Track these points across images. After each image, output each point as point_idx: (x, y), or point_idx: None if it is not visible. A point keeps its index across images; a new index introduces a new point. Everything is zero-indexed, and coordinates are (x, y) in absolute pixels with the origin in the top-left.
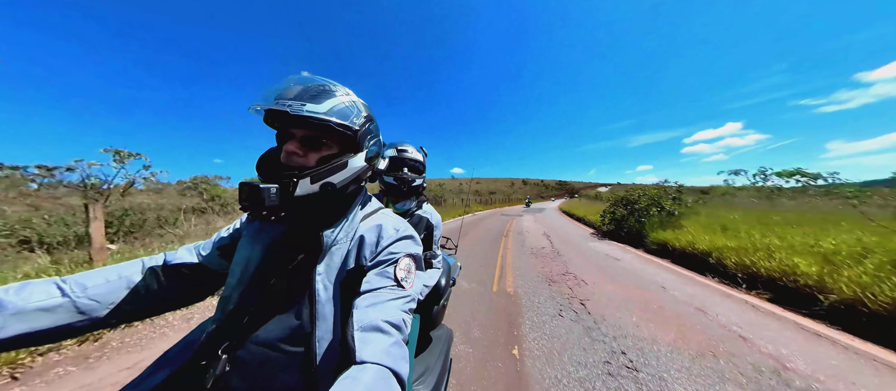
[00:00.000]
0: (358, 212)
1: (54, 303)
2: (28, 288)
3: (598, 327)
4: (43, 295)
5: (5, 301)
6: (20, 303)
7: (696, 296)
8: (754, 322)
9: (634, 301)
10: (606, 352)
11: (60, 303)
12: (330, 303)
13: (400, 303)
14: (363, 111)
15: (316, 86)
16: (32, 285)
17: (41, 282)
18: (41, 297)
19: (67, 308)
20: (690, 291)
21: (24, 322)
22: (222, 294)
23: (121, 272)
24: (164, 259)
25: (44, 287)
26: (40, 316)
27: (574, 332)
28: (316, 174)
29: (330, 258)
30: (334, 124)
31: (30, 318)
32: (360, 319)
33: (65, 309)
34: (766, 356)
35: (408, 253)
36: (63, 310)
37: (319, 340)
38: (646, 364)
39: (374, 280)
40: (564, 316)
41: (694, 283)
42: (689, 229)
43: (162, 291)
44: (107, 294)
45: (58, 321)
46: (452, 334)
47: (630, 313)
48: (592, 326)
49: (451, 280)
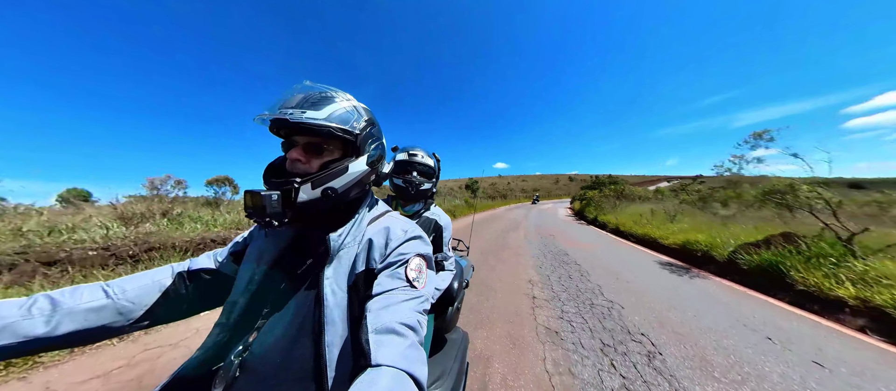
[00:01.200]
0: (365, 216)
1: (100, 304)
2: (79, 290)
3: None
4: (91, 296)
5: (60, 301)
6: (72, 304)
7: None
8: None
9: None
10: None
11: (105, 304)
12: (339, 308)
13: (413, 304)
14: (364, 115)
15: (317, 93)
16: (82, 288)
17: (89, 286)
18: (89, 299)
19: (111, 309)
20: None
21: (75, 321)
22: (228, 299)
23: (154, 277)
24: (189, 265)
25: (91, 289)
26: (89, 315)
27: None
28: (317, 179)
29: (338, 262)
30: (334, 129)
31: (80, 318)
32: (373, 322)
33: (109, 310)
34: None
35: (418, 253)
36: (107, 311)
37: (329, 345)
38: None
39: (385, 282)
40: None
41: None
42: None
43: (188, 295)
44: (142, 296)
45: (102, 320)
46: (468, 337)
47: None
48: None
49: (464, 282)
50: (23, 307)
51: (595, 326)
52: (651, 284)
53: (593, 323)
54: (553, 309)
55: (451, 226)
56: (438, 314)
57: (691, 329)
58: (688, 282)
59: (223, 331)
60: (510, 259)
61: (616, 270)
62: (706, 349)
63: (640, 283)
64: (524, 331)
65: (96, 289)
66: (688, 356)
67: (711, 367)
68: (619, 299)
